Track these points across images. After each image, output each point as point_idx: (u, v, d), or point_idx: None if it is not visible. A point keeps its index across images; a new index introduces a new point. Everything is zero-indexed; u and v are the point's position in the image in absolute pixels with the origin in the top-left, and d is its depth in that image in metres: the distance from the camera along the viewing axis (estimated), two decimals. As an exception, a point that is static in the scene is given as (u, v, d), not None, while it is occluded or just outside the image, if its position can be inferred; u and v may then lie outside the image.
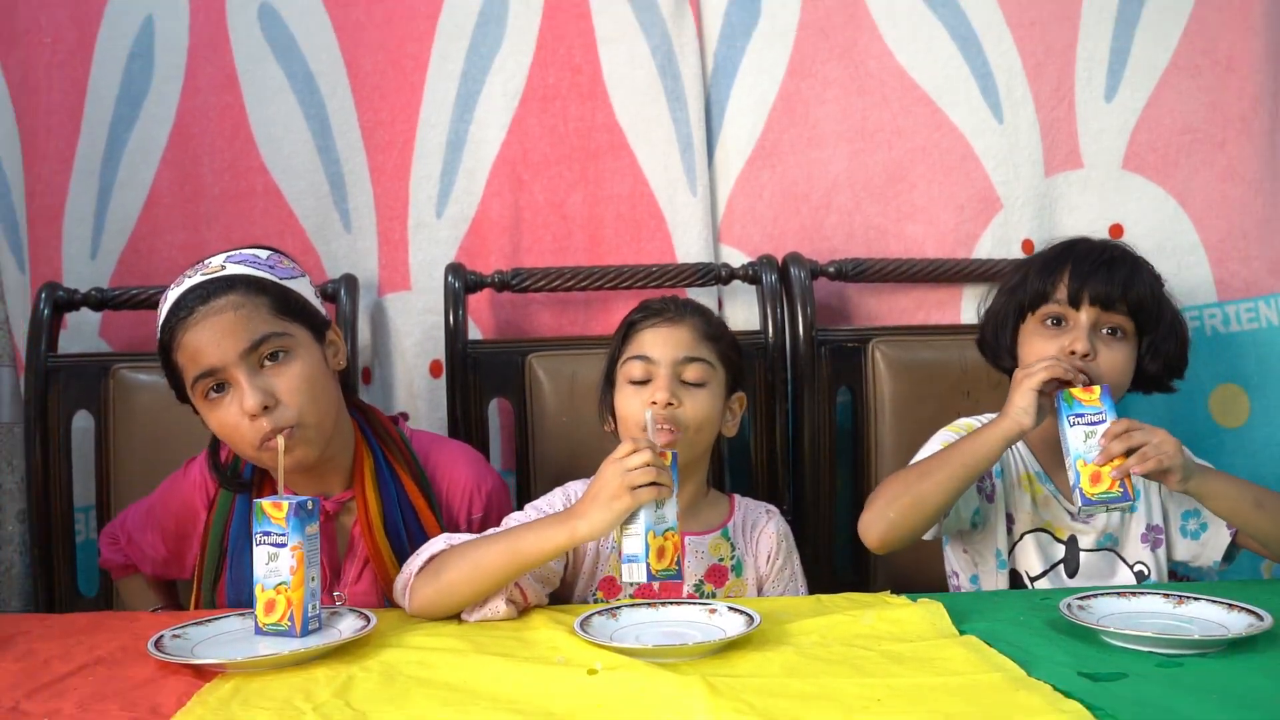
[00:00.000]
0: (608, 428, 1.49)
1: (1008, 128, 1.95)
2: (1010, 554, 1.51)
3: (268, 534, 1.15)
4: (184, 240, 1.92)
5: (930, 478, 1.39)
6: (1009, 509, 1.51)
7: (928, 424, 1.60)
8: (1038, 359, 1.39)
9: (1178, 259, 1.94)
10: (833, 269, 1.90)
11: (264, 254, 1.36)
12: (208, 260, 1.34)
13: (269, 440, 1.25)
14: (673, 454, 1.25)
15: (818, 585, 1.55)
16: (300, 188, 1.93)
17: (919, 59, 1.95)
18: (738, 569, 1.44)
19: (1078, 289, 1.43)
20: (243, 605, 1.29)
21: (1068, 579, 1.49)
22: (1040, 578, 1.50)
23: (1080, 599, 1.23)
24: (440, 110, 1.93)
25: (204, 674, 1.08)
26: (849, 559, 1.88)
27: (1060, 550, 1.50)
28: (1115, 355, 1.43)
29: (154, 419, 1.74)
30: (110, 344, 1.93)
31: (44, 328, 1.80)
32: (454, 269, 1.85)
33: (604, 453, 1.25)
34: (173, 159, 1.92)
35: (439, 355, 1.90)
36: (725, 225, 1.97)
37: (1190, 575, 1.55)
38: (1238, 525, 1.42)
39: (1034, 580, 1.50)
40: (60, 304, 1.83)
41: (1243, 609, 1.17)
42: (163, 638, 1.14)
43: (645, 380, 1.40)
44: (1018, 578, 1.51)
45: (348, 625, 1.19)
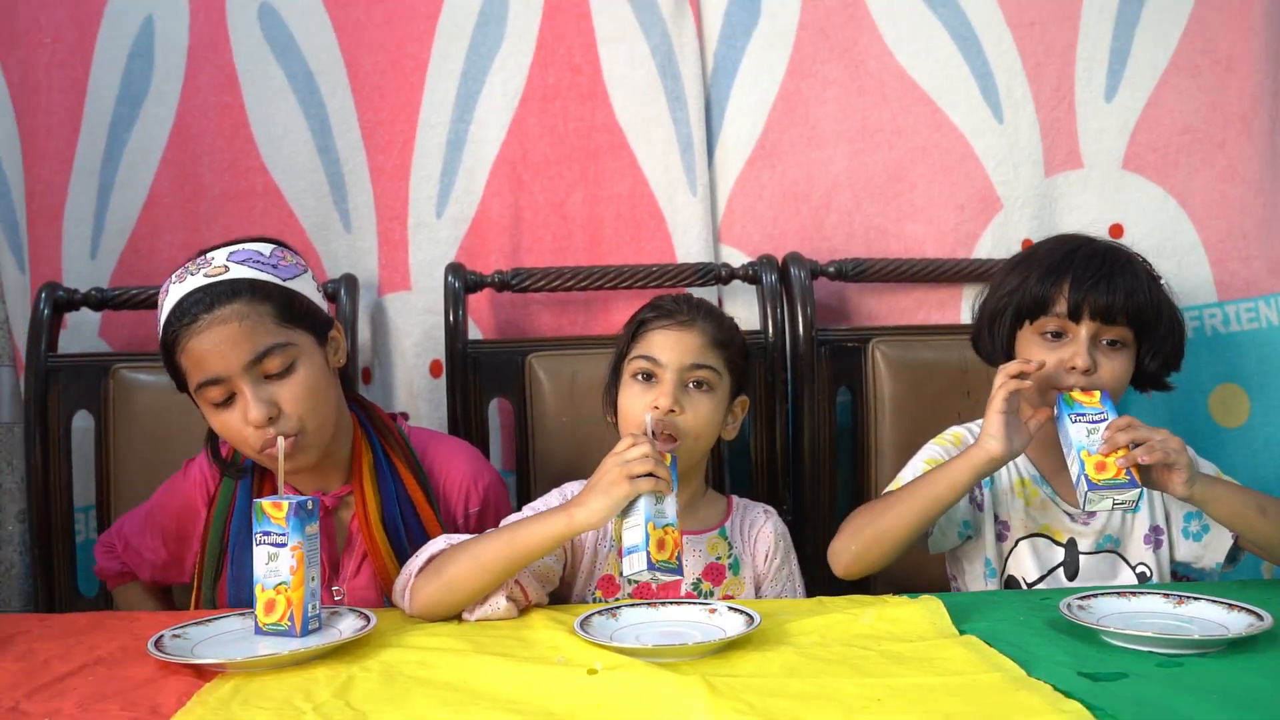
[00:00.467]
0: (609, 419, 1.49)
1: (1008, 128, 1.95)
2: (1005, 562, 1.50)
3: (268, 534, 1.15)
4: (184, 240, 1.91)
5: (893, 510, 1.38)
6: (1001, 516, 1.50)
7: (928, 424, 1.60)
8: (997, 379, 1.37)
9: (1178, 259, 1.94)
10: (833, 269, 1.90)
11: (267, 250, 1.35)
12: (209, 255, 1.33)
13: (271, 446, 1.27)
14: (672, 456, 1.26)
15: (818, 585, 1.55)
16: (300, 188, 1.93)
17: (919, 59, 1.95)
18: (735, 567, 1.44)
19: (1078, 303, 1.40)
20: (243, 603, 1.29)
21: (1067, 582, 1.48)
22: (1038, 583, 1.48)
23: (1080, 599, 1.23)
24: (440, 110, 1.93)
25: (204, 674, 1.08)
26: (849, 559, 1.88)
27: (1059, 554, 1.49)
28: (1115, 366, 1.42)
29: (154, 419, 1.74)
30: (110, 344, 1.93)
31: (44, 328, 1.80)
32: (454, 269, 1.85)
33: (604, 452, 1.25)
34: (173, 159, 1.92)
35: (439, 355, 1.90)
36: (725, 225, 1.97)
37: (1192, 576, 1.55)
38: (1239, 531, 1.41)
39: (1031, 586, 1.48)
40: (60, 304, 1.83)
41: (1243, 609, 1.17)
42: (163, 638, 1.14)
43: (649, 381, 1.40)
44: (1013, 584, 1.50)
45: (348, 625, 1.19)
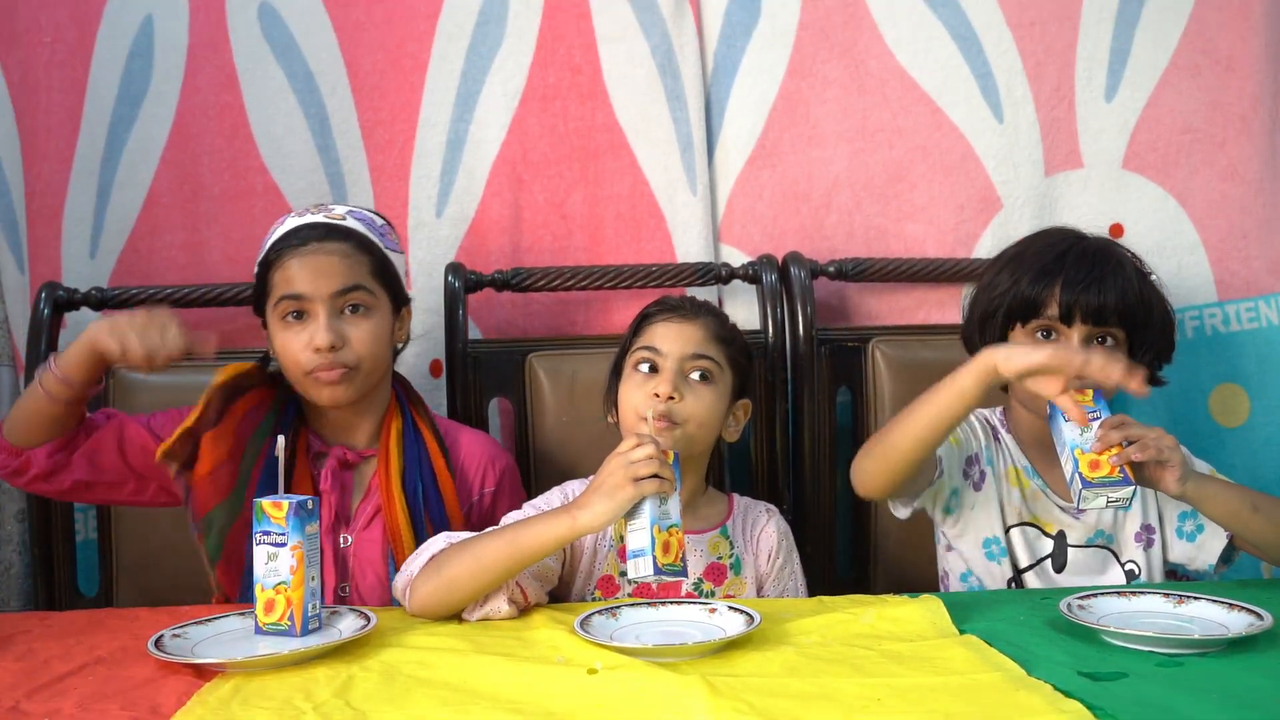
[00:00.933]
0: (610, 419, 1.49)
1: (1008, 127, 1.95)
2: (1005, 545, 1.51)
3: (268, 533, 1.15)
4: (184, 240, 1.91)
5: (903, 422, 1.37)
6: (1000, 500, 1.52)
7: (928, 424, 1.60)
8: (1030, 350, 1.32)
9: (1178, 259, 1.94)
10: (833, 269, 1.90)
11: (380, 221, 1.52)
12: (331, 206, 1.50)
13: (319, 371, 1.39)
14: (675, 454, 1.26)
15: (818, 585, 1.55)
16: (300, 187, 1.93)
17: (919, 59, 1.95)
18: (736, 567, 1.44)
19: (1070, 306, 1.42)
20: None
21: (1054, 574, 1.50)
22: (1026, 571, 1.50)
23: (1080, 599, 1.23)
24: (440, 110, 1.93)
25: (204, 673, 1.08)
26: (849, 559, 1.88)
27: (1048, 545, 1.51)
28: None
29: (154, 419, 1.74)
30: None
31: (44, 328, 1.80)
32: (454, 269, 1.85)
33: (604, 452, 1.25)
34: (172, 159, 1.92)
35: (439, 355, 1.90)
36: (725, 225, 1.97)
37: (1187, 575, 1.55)
38: (1234, 530, 1.41)
39: (1022, 573, 1.50)
40: (60, 304, 1.82)
41: (1243, 609, 1.18)
42: (163, 637, 1.14)
43: (651, 372, 1.40)
44: (1015, 569, 1.51)
45: (348, 625, 1.19)
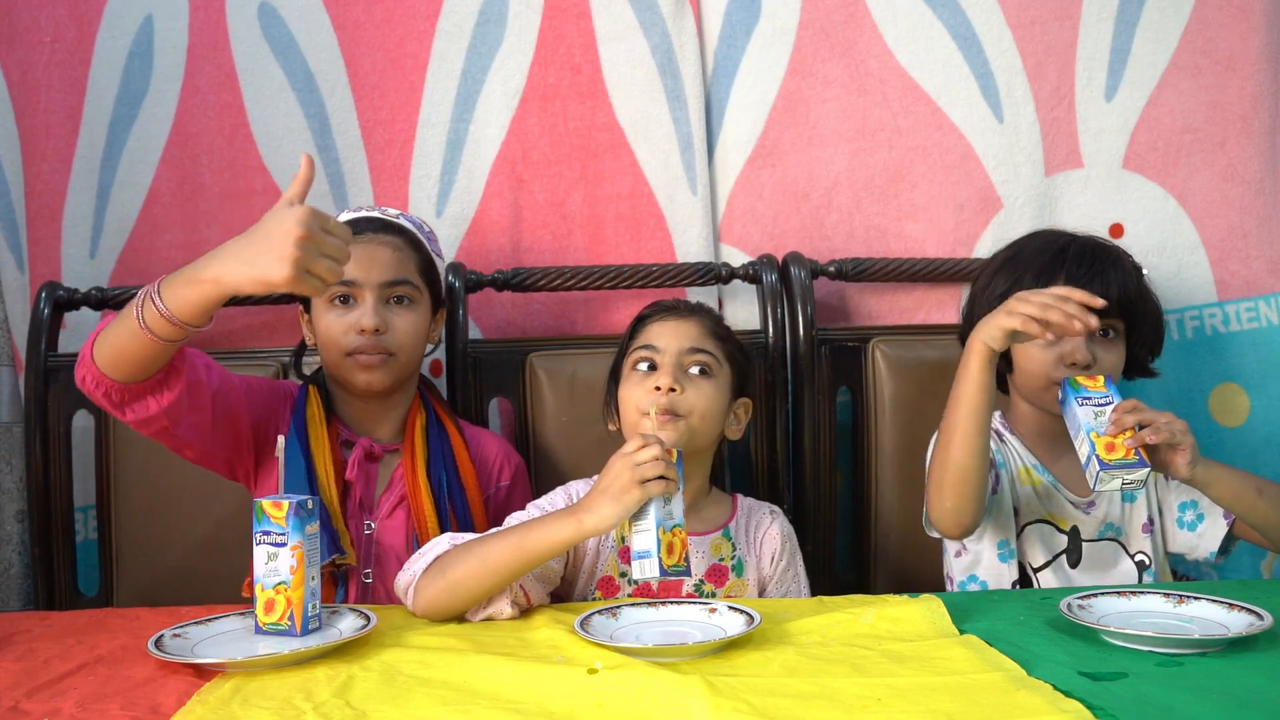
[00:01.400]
0: (612, 426, 1.49)
1: (1008, 127, 1.95)
2: (1017, 545, 1.52)
3: (268, 533, 1.15)
4: (183, 240, 1.91)
5: (947, 448, 1.37)
6: (1015, 501, 1.53)
7: (928, 424, 1.59)
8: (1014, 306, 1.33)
9: (1178, 259, 1.94)
10: (833, 269, 1.90)
11: (426, 228, 1.63)
12: (384, 208, 1.60)
13: (358, 354, 1.47)
14: (678, 452, 1.25)
15: (818, 585, 1.55)
16: (300, 187, 1.93)
17: (919, 59, 1.95)
18: (738, 569, 1.44)
19: None
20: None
21: (1070, 569, 1.51)
22: (1044, 568, 1.51)
23: (1080, 598, 1.23)
24: (440, 109, 1.93)
25: (204, 673, 1.08)
26: (849, 559, 1.88)
27: (1063, 541, 1.52)
28: (1112, 356, 1.48)
29: (154, 418, 1.74)
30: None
31: (44, 327, 1.80)
32: (454, 268, 1.85)
33: (605, 452, 1.25)
34: (172, 158, 1.92)
35: (439, 355, 1.89)
36: (725, 225, 1.97)
37: (1189, 573, 1.55)
38: (1239, 513, 1.43)
39: (1037, 571, 1.51)
40: (60, 303, 1.83)
41: (1243, 609, 1.17)
42: (163, 637, 1.14)
43: (650, 370, 1.41)
44: (1021, 569, 1.52)
45: (348, 625, 1.19)
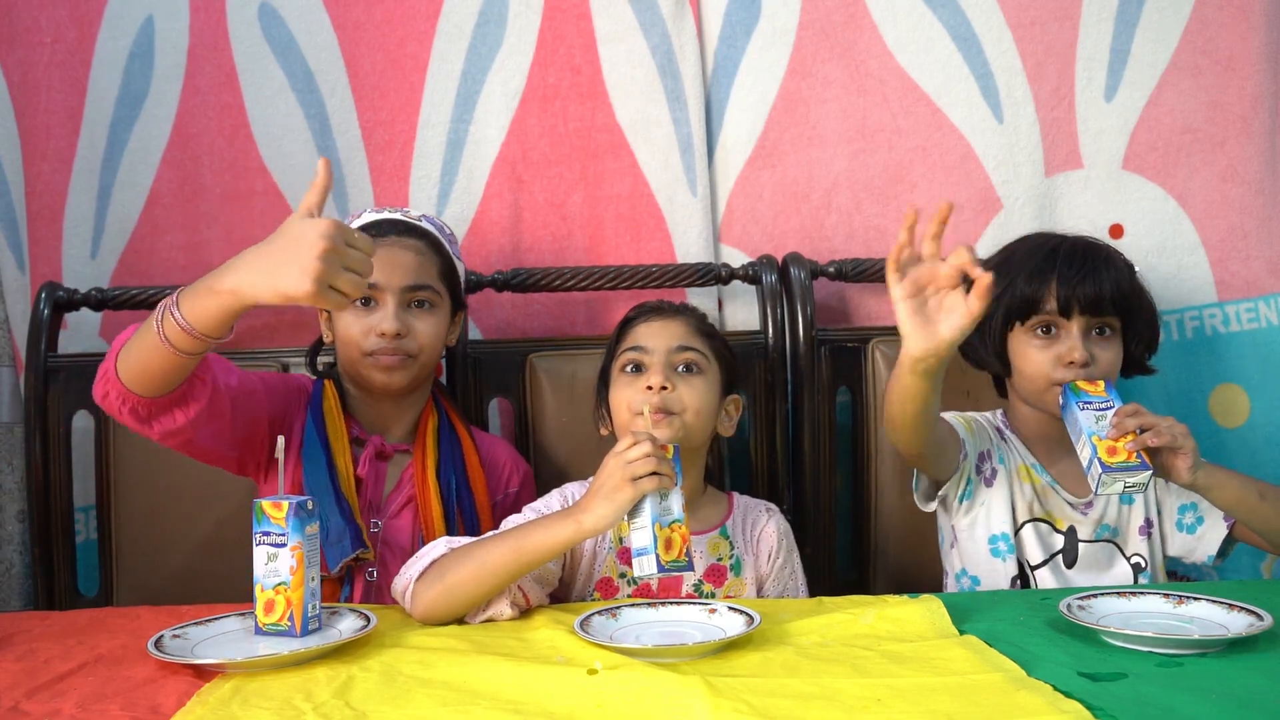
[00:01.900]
0: (604, 430, 1.49)
1: (1008, 128, 1.95)
2: (1015, 542, 1.52)
3: (267, 534, 1.15)
4: (184, 240, 1.92)
5: (889, 399, 1.35)
6: (1013, 497, 1.53)
7: (928, 424, 1.60)
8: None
9: (1178, 259, 1.94)
10: (833, 269, 1.90)
11: (448, 230, 1.64)
12: (407, 209, 1.62)
13: (380, 355, 1.48)
14: (675, 448, 1.26)
15: (818, 585, 1.55)
16: (300, 188, 1.92)
17: (919, 59, 1.94)
18: (736, 568, 1.44)
19: (1068, 299, 1.45)
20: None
21: (1066, 569, 1.51)
22: (1040, 567, 1.51)
23: (1080, 599, 1.23)
24: (440, 110, 1.93)
25: (204, 674, 1.08)
26: (849, 559, 1.88)
27: (1059, 540, 1.52)
28: (1109, 354, 1.48)
29: (154, 419, 1.74)
30: (110, 344, 1.92)
31: (44, 328, 1.80)
32: (454, 269, 1.85)
33: (604, 453, 1.25)
34: (173, 159, 1.92)
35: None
36: (725, 225, 1.97)
37: (1189, 574, 1.55)
38: (1241, 517, 1.43)
39: (1034, 569, 1.51)
40: (60, 304, 1.83)
41: (1243, 609, 1.17)
42: (163, 638, 1.14)
43: (639, 371, 1.41)
44: (1020, 566, 1.51)
45: (348, 625, 1.19)
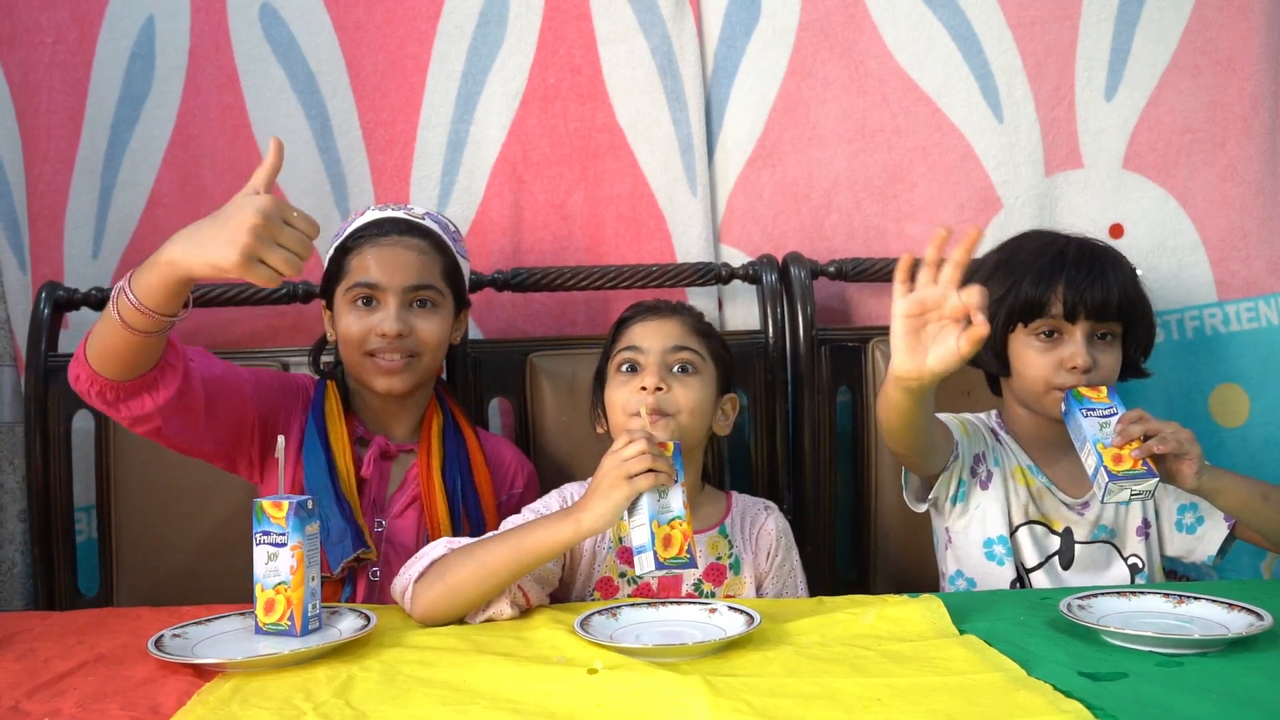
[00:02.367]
0: (599, 429, 1.49)
1: (1008, 127, 1.95)
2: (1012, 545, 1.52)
3: (268, 533, 1.15)
4: (185, 240, 1.92)
5: (881, 409, 1.35)
6: (1008, 500, 1.52)
7: (928, 424, 1.60)
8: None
9: (1178, 259, 1.94)
10: (833, 269, 1.90)
11: (452, 227, 1.62)
12: (411, 206, 1.60)
13: (378, 355, 1.48)
14: (675, 445, 1.25)
15: (818, 585, 1.55)
16: (301, 188, 1.93)
17: (919, 59, 1.95)
18: (735, 567, 1.44)
19: (1074, 303, 1.44)
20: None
21: (1062, 571, 1.51)
22: (1036, 569, 1.51)
23: (1080, 599, 1.23)
24: (441, 111, 1.93)
25: (204, 673, 1.08)
26: (849, 558, 1.88)
27: (1055, 542, 1.52)
28: (1110, 359, 1.47)
29: (154, 419, 1.74)
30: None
31: (44, 328, 1.80)
32: (454, 269, 1.86)
33: (604, 452, 1.25)
34: (174, 159, 1.92)
35: (439, 355, 1.90)
36: (725, 225, 1.97)
37: (1188, 574, 1.55)
38: (1245, 520, 1.43)
39: (1030, 572, 1.51)
40: (61, 304, 1.83)
41: (1243, 609, 1.17)
42: (163, 637, 1.14)
43: (634, 372, 1.41)
44: (1016, 569, 1.51)
45: (348, 625, 1.19)
